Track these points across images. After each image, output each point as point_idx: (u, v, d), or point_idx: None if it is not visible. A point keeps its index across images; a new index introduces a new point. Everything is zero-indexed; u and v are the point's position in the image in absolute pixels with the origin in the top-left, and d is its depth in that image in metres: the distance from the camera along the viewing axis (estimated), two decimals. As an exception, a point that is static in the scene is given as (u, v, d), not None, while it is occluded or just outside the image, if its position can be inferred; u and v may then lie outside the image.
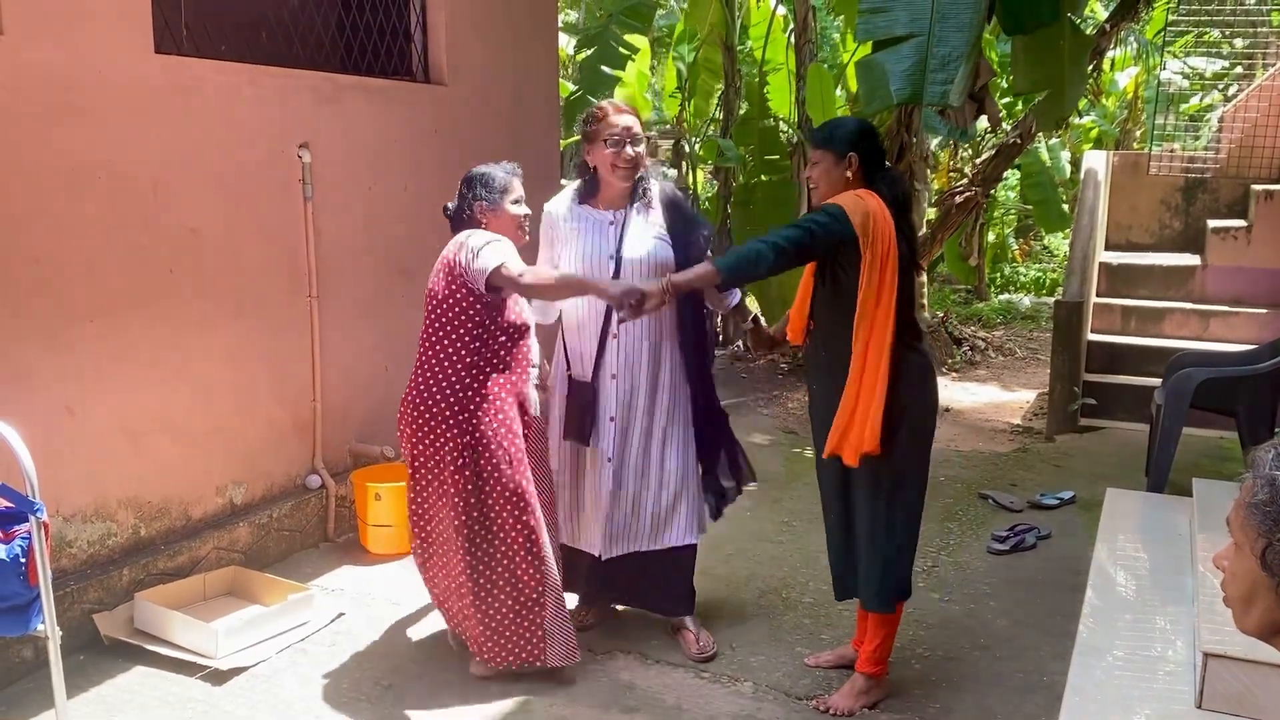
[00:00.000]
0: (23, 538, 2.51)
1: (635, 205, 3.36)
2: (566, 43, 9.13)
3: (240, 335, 4.10)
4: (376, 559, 4.34)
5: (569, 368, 3.45)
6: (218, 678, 3.34)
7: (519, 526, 3.18)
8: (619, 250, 3.30)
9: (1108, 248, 7.95)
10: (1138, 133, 12.16)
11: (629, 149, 3.26)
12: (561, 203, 3.47)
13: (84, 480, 3.57)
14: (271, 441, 4.30)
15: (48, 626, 2.57)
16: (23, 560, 2.50)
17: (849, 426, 3.01)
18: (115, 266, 3.61)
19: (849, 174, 3.04)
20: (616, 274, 3.28)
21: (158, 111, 3.70)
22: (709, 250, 3.39)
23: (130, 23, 3.59)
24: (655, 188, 3.41)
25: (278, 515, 4.28)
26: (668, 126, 10.77)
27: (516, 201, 3.26)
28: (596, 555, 3.47)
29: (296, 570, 4.17)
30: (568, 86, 7.71)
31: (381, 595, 4.01)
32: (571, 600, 3.66)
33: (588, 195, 3.41)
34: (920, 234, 7.27)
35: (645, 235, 3.34)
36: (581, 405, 3.38)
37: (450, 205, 3.30)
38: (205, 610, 3.69)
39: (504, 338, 3.19)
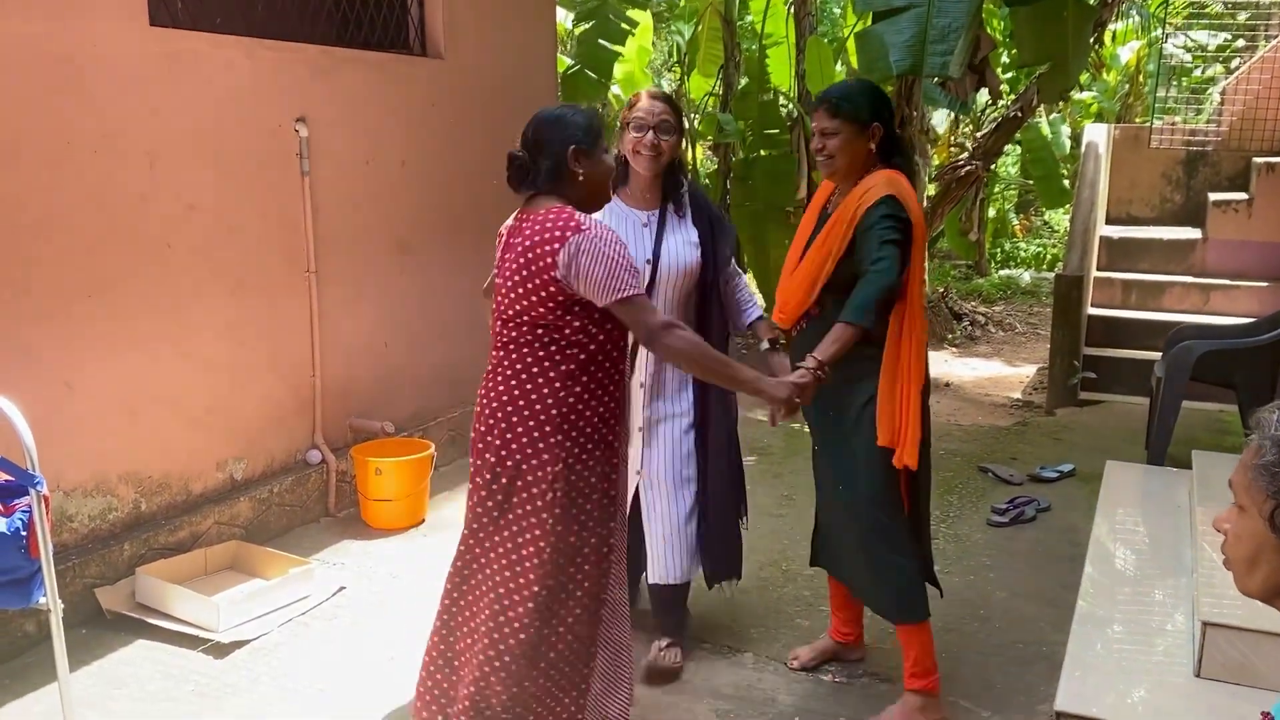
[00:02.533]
0: (23, 511, 2.51)
1: (670, 207, 3.22)
2: (565, 17, 9.05)
3: (239, 310, 4.09)
4: (377, 533, 4.36)
5: None
6: (219, 651, 3.35)
7: (597, 584, 2.56)
8: (655, 253, 3.17)
9: (1108, 222, 7.92)
10: (1139, 107, 12.08)
11: (650, 135, 3.09)
12: None
13: (84, 455, 3.57)
14: (271, 417, 4.30)
15: (49, 599, 2.57)
16: (24, 534, 2.50)
17: (906, 420, 2.80)
18: (112, 242, 3.59)
19: (872, 145, 2.87)
20: (653, 278, 3.12)
21: (153, 85, 3.67)
22: (731, 254, 3.28)
23: (124, -6, 3.56)
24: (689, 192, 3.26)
25: (278, 490, 4.28)
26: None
27: (608, 150, 2.58)
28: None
29: (297, 545, 4.18)
30: (565, 61, 7.65)
31: (382, 569, 4.02)
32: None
33: (619, 183, 3.24)
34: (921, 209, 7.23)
35: (680, 239, 3.20)
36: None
37: (519, 152, 2.49)
38: (206, 584, 3.70)
39: (612, 349, 2.49)
